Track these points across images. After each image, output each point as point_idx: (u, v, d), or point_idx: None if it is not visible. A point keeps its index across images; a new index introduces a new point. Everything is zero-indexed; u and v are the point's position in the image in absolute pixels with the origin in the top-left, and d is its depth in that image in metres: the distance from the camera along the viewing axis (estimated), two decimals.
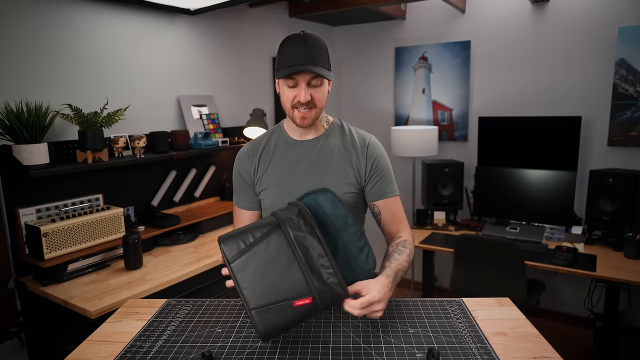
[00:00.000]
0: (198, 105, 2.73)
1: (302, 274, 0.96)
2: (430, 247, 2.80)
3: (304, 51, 1.17)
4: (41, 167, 1.87)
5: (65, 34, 2.08)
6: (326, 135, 1.34)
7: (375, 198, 1.32)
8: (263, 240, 0.98)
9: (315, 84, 1.21)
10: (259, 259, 0.97)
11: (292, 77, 1.20)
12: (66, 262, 1.87)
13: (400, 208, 1.35)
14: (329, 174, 1.30)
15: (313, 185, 1.27)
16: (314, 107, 1.24)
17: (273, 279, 0.96)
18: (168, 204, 2.57)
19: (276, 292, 0.96)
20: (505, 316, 1.17)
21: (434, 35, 3.46)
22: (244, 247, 0.98)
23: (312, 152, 1.32)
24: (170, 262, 2.09)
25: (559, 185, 2.78)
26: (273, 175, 1.32)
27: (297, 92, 1.21)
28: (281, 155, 1.34)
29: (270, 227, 1.00)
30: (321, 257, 0.97)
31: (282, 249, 0.97)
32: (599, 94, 2.90)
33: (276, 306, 0.96)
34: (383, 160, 1.34)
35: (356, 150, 1.32)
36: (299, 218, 1.00)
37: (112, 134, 2.23)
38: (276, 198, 1.31)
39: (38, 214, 1.94)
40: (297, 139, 1.34)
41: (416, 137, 3.21)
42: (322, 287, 0.96)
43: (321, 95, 1.24)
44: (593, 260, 2.43)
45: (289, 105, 1.24)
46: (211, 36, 2.81)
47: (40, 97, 1.99)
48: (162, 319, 1.21)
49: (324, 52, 1.22)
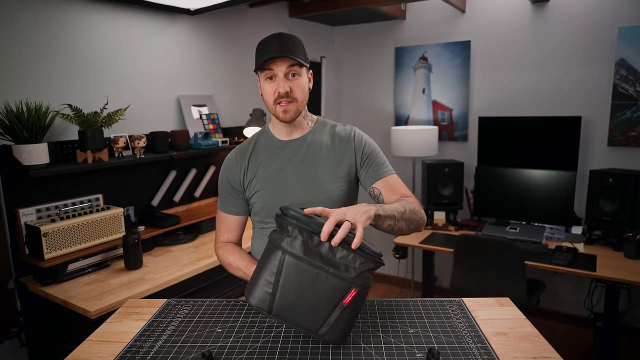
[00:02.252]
0: (198, 105, 2.73)
1: (332, 277, 0.95)
2: (430, 247, 2.80)
3: (278, 43, 1.21)
4: (41, 167, 1.87)
5: (65, 34, 2.08)
6: (312, 132, 1.35)
7: (372, 181, 1.32)
8: (281, 276, 0.96)
9: (292, 75, 1.23)
10: (290, 293, 0.96)
11: (269, 68, 1.22)
12: (66, 262, 1.87)
13: (400, 182, 1.34)
14: (320, 170, 1.30)
15: (305, 183, 1.29)
16: (295, 100, 1.25)
17: (314, 298, 0.95)
18: (168, 204, 2.57)
19: (323, 306, 0.95)
20: (505, 316, 1.17)
21: (434, 35, 3.46)
22: (271, 292, 0.97)
23: (300, 150, 1.33)
24: (170, 262, 2.09)
25: (559, 185, 2.78)
26: (264, 178, 1.32)
27: (275, 85, 1.24)
28: (269, 157, 1.34)
29: (278, 260, 0.97)
30: (335, 251, 0.96)
31: (300, 272, 0.96)
32: (599, 94, 2.90)
33: (332, 316, 0.96)
34: (370, 145, 1.36)
35: (343, 143, 1.34)
36: (292, 230, 0.97)
37: (112, 134, 2.23)
38: (269, 200, 1.31)
39: (38, 214, 1.94)
40: (283, 139, 1.35)
41: (416, 137, 3.21)
42: (356, 274, 0.95)
43: (300, 88, 1.26)
44: (593, 260, 2.43)
45: (271, 101, 1.26)
46: (211, 36, 2.81)
47: (40, 97, 1.99)
48: (162, 319, 1.21)
49: (299, 46, 1.25)
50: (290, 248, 0.96)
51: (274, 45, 1.21)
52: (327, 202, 1.28)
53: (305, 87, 1.28)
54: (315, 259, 0.95)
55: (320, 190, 1.29)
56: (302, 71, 1.25)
